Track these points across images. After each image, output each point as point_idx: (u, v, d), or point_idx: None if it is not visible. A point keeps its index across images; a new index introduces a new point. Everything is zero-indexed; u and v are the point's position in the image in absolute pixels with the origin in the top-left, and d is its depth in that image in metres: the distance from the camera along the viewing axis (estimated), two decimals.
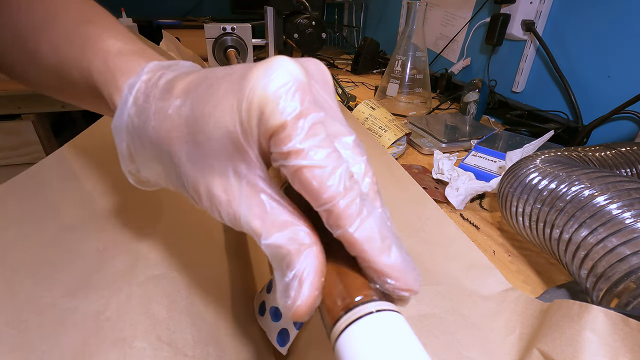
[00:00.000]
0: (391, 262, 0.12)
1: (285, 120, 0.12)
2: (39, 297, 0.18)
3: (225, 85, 0.13)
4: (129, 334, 0.17)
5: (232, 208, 0.13)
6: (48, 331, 0.17)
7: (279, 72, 0.12)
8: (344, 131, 0.14)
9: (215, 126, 0.13)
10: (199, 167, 0.14)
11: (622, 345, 0.18)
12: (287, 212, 0.13)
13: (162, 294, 0.20)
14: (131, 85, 0.16)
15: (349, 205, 0.12)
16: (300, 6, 0.94)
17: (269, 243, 0.13)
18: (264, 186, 0.13)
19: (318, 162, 0.12)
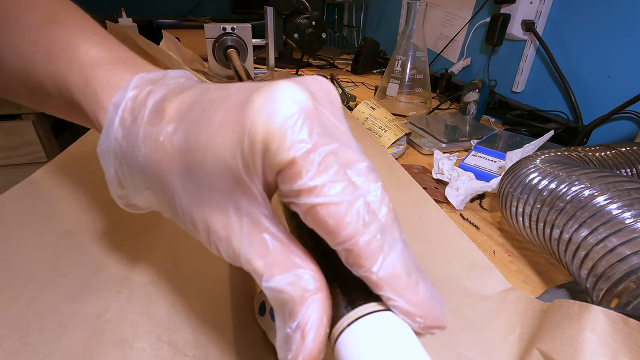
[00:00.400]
0: (419, 300, 0.11)
1: (294, 156, 0.10)
2: (39, 301, 0.18)
3: (221, 113, 0.12)
4: (130, 335, 0.17)
5: (232, 245, 0.12)
6: (49, 334, 0.17)
7: (283, 101, 0.11)
8: (357, 157, 0.13)
9: (213, 159, 0.12)
10: (196, 201, 0.13)
11: (622, 345, 0.18)
12: (291, 252, 0.12)
13: (162, 295, 0.20)
14: (116, 104, 0.14)
15: (369, 242, 0.11)
16: (300, 6, 0.94)
17: (270, 286, 0.12)
18: (268, 224, 0.12)
19: (333, 198, 0.11)
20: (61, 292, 0.19)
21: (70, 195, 0.27)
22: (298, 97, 0.11)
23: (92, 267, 0.21)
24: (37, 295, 0.19)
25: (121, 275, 0.20)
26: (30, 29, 0.16)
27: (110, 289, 0.19)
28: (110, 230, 0.24)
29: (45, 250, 0.22)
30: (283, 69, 1.01)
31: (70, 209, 0.26)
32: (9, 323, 0.17)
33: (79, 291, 0.19)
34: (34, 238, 0.23)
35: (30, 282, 0.19)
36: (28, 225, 0.24)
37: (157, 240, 0.23)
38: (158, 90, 0.14)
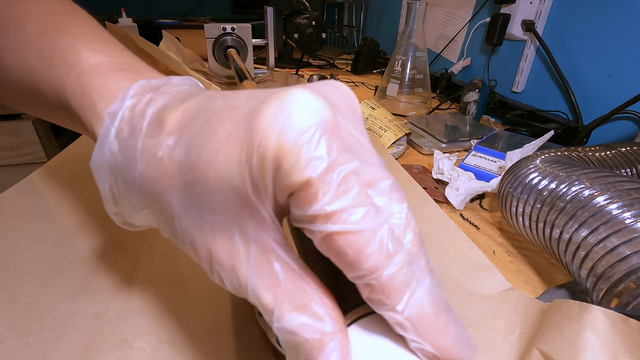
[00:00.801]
0: (449, 345, 0.10)
1: (309, 177, 0.09)
2: (39, 301, 0.18)
3: (227, 126, 0.10)
4: (130, 335, 0.17)
5: (238, 275, 0.11)
6: (49, 334, 0.17)
7: (297, 113, 0.09)
8: (380, 175, 0.12)
9: (217, 178, 0.10)
10: (197, 224, 0.11)
11: (622, 345, 0.18)
12: (306, 284, 0.10)
13: (162, 295, 0.20)
14: (113, 114, 0.13)
15: (394, 276, 0.09)
16: (300, 6, 0.94)
17: (282, 327, 0.10)
18: (279, 251, 0.11)
19: (353, 226, 0.09)
20: (61, 291, 0.19)
21: (70, 194, 0.27)
22: (315, 107, 0.10)
23: (91, 266, 0.21)
24: (37, 294, 0.19)
25: (121, 275, 0.20)
26: (34, 36, 0.16)
27: (110, 289, 0.19)
28: (110, 229, 0.24)
29: (45, 249, 0.22)
30: (283, 69, 1.01)
31: (69, 208, 0.25)
32: (8, 322, 0.17)
33: (79, 291, 0.19)
34: (32, 237, 0.23)
35: (30, 282, 0.19)
36: (27, 225, 0.24)
37: (157, 240, 0.23)
38: (159, 98, 0.13)
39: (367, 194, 0.10)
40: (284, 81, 0.85)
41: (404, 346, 0.11)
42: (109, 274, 0.20)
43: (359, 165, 0.10)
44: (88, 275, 0.20)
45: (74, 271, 0.20)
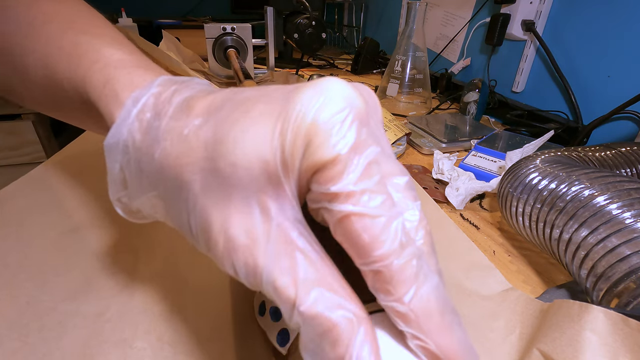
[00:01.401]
0: (453, 346, 0.10)
1: (337, 154, 0.09)
2: (39, 300, 0.18)
3: (260, 107, 0.11)
4: (130, 335, 0.17)
5: (253, 256, 0.10)
6: (49, 334, 0.17)
7: (334, 96, 0.10)
8: (397, 171, 0.12)
9: (245, 152, 0.10)
10: (215, 201, 0.11)
11: (622, 345, 0.18)
12: (328, 268, 0.10)
13: (163, 295, 0.20)
14: (136, 98, 0.13)
15: (404, 267, 0.10)
16: (300, 6, 0.94)
17: (306, 312, 0.09)
18: (302, 231, 0.10)
19: (372, 210, 0.09)
20: (61, 291, 0.19)
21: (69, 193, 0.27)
22: (350, 94, 0.10)
23: (92, 266, 0.21)
24: (37, 294, 0.19)
25: (121, 275, 0.20)
26: (55, 35, 0.16)
27: (110, 289, 0.19)
28: (110, 229, 0.24)
29: (45, 248, 0.22)
30: (283, 69, 1.01)
31: (69, 207, 0.25)
32: (8, 322, 0.17)
33: (79, 290, 0.19)
34: (33, 236, 0.23)
35: (30, 281, 0.19)
36: (27, 223, 0.24)
37: (158, 239, 0.23)
38: (184, 90, 0.13)
39: (386, 184, 0.10)
40: (284, 81, 0.86)
41: (405, 346, 0.11)
42: (109, 274, 0.20)
43: (380, 155, 0.10)
44: (88, 274, 0.20)
45: (75, 270, 0.20)
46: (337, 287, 0.10)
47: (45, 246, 0.22)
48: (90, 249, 0.22)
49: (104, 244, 0.22)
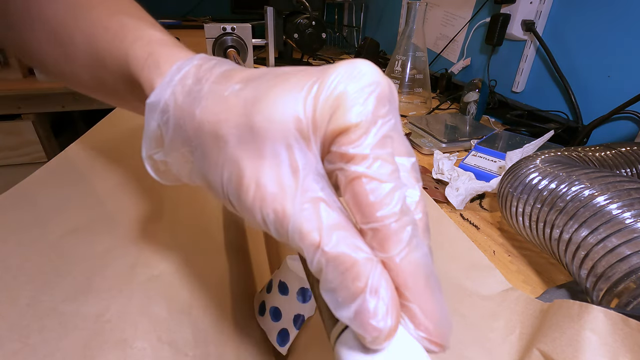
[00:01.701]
0: (431, 309, 0.11)
1: (360, 121, 0.11)
2: (39, 302, 0.18)
3: (299, 76, 0.12)
4: (130, 335, 0.17)
5: (282, 205, 0.11)
6: (49, 335, 0.17)
7: (365, 74, 0.12)
8: (405, 151, 0.14)
9: (281, 109, 0.12)
10: (249, 153, 0.12)
11: (622, 345, 0.18)
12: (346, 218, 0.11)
13: (163, 295, 0.20)
14: (180, 67, 0.15)
15: (399, 230, 0.11)
16: (300, 6, 0.94)
17: (331, 251, 0.10)
18: (324, 184, 0.12)
19: (381, 176, 0.11)
20: (61, 292, 0.19)
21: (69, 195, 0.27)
22: (378, 75, 0.12)
23: (91, 267, 0.21)
24: (37, 295, 0.19)
25: (121, 275, 0.20)
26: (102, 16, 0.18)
27: (110, 288, 0.19)
28: (110, 231, 0.24)
29: (45, 250, 0.22)
30: None
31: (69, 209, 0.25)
32: (9, 324, 0.17)
33: (79, 291, 0.19)
34: (33, 238, 0.23)
35: (30, 283, 0.19)
36: (29, 226, 0.24)
37: (158, 239, 0.23)
38: (223, 64, 0.15)
39: (395, 159, 0.12)
40: None
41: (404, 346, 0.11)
42: (108, 275, 0.20)
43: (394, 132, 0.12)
44: (88, 275, 0.20)
45: (75, 272, 0.20)
46: (355, 233, 0.11)
47: (46, 248, 0.22)
48: (90, 250, 0.22)
49: (105, 246, 0.22)
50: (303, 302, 0.22)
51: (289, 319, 0.23)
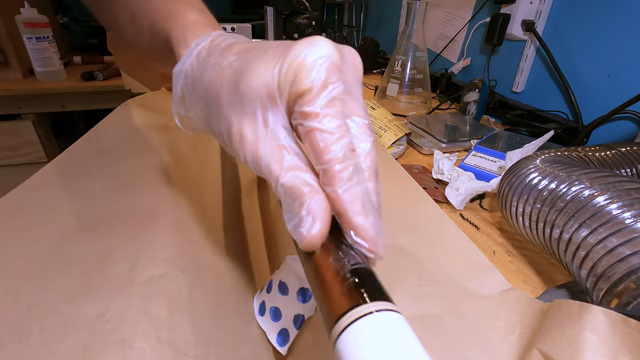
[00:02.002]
0: (364, 224, 0.14)
1: (312, 86, 0.14)
2: (39, 303, 0.18)
3: (273, 50, 0.16)
4: (130, 335, 0.17)
5: (256, 149, 0.15)
6: (49, 336, 0.17)
7: (319, 48, 0.14)
8: (360, 112, 0.17)
9: (257, 77, 0.15)
10: (235, 110, 0.16)
11: (622, 345, 0.18)
12: (301, 160, 0.15)
13: (163, 294, 0.20)
14: (199, 42, 0.19)
15: (342, 170, 0.14)
16: (300, 6, 0.94)
17: (285, 183, 0.14)
18: (285, 135, 0.15)
19: (329, 128, 0.14)
20: (61, 293, 0.19)
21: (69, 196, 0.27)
22: (331, 49, 0.15)
23: (91, 267, 0.21)
24: (38, 297, 0.19)
25: (121, 276, 0.20)
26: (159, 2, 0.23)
27: (110, 289, 0.19)
28: (109, 230, 0.24)
29: (45, 251, 0.22)
30: None
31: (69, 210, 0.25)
32: (9, 326, 0.17)
33: (79, 292, 0.19)
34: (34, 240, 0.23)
35: (31, 284, 0.19)
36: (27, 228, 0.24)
37: (157, 240, 0.23)
38: (230, 39, 0.19)
39: (345, 116, 0.15)
40: None
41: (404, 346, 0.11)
42: (108, 275, 0.20)
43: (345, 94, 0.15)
44: (88, 276, 0.20)
45: (75, 272, 0.20)
46: (306, 172, 0.15)
47: (46, 249, 0.22)
48: (90, 250, 0.22)
49: (104, 246, 0.22)
50: (303, 302, 0.22)
51: (289, 319, 0.23)
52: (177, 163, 0.32)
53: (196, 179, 0.33)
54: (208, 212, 0.30)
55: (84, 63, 1.14)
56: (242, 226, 0.33)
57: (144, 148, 0.33)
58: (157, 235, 0.23)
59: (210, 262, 0.25)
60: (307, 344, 0.22)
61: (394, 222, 0.31)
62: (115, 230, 0.24)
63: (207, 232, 0.27)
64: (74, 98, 1.00)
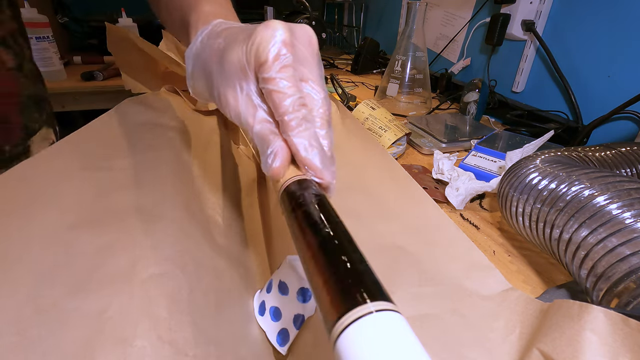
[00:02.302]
0: (308, 157, 0.19)
1: (267, 58, 0.19)
2: (39, 295, 0.18)
3: (245, 33, 0.21)
4: (130, 333, 0.17)
5: (237, 109, 0.20)
6: (49, 331, 0.17)
7: (272, 30, 0.19)
8: (312, 77, 0.21)
9: (233, 55, 0.20)
10: (221, 81, 0.21)
11: (622, 345, 0.18)
12: (267, 115, 0.20)
13: (163, 293, 0.20)
14: (203, 30, 0.25)
15: (292, 119, 0.19)
16: (300, 6, 0.94)
17: (257, 131, 0.20)
18: (255, 97, 0.20)
19: (281, 89, 0.19)
20: (61, 287, 0.19)
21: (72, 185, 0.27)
22: (281, 30, 0.19)
23: (92, 262, 0.21)
24: (36, 288, 0.19)
25: (122, 273, 0.20)
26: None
27: (111, 285, 0.19)
28: (110, 225, 0.23)
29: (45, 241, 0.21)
30: None
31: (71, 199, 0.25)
32: (8, 316, 0.17)
33: (80, 287, 0.19)
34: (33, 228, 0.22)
35: (29, 275, 0.19)
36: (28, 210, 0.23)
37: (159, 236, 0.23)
38: (225, 25, 0.24)
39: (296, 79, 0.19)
40: None
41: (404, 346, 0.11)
42: (110, 271, 0.20)
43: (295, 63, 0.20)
44: (88, 271, 0.20)
45: (75, 266, 0.20)
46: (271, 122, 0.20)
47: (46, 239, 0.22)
48: (90, 245, 0.22)
49: (104, 241, 0.22)
50: (303, 302, 0.22)
51: (289, 319, 0.23)
52: (177, 162, 0.32)
53: (197, 178, 0.33)
54: (209, 211, 0.30)
55: (84, 63, 1.14)
56: (242, 226, 0.33)
57: (146, 146, 0.33)
58: (159, 233, 0.23)
59: (210, 261, 0.25)
60: (307, 344, 0.22)
61: (394, 222, 0.31)
62: (116, 225, 0.23)
63: (208, 231, 0.27)
64: (74, 98, 1.00)
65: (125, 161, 0.30)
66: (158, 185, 0.28)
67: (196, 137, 0.39)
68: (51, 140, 0.47)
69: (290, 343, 0.23)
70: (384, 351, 0.11)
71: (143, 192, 0.27)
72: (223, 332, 0.21)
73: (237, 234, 0.31)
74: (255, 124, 0.20)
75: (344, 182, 0.37)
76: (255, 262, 0.31)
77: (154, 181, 0.28)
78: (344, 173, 0.38)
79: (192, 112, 0.44)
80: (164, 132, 0.36)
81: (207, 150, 0.38)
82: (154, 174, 0.29)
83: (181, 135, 0.37)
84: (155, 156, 0.32)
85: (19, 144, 0.42)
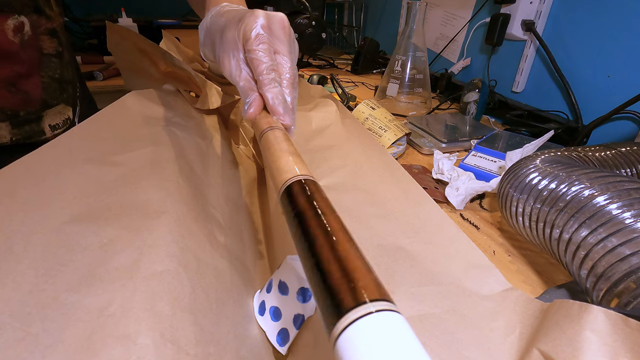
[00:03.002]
0: (275, 104, 0.26)
1: (250, 36, 0.26)
2: (41, 289, 0.18)
3: (238, 17, 0.28)
4: (133, 330, 0.17)
5: (230, 70, 0.28)
6: (51, 325, 0.17)
7: (255, 17, 0.27)
8: (282, 50, 0.28)
9: (230, 32, 0.28)
10: (221, 50, 0.29)
11: (622, 345, 0.18)
12: (249, 75, 0.27)
13: (166, 291, 0.20)
14: (212, 10, 0.33)
15: (264, 79, 0.26)
16: (300, 6, 0.94)
17: (241, 85, 0.27)
18: (242, 63, 0.27)
19: (259, 57, 0.26)
20: (63, 281, 0.19)
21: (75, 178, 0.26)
22: (262, 17, 0.27)
23: (94, 257, 0.20)
24: (39, 283, 0.19)
25: (125, 269, 0.20)
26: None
27: (114, 281, 0.19)
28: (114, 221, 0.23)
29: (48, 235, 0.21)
30: None
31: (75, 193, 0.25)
32: (11, 309, 0.17)
33: (82, 282, 0.19)
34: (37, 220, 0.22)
35: (33, 269, 0.19)
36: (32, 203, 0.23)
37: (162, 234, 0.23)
38: (229, 7, 0.33)
39: (271, 52, 0.27)
40: None
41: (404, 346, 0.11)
42: (112, 266, 0.20)
43: (271, 40, 0.27)
44: (92, 267, 0.20)
45: (78, 261, 0.20)
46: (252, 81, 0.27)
47: (49, 233, 0.21)
48: (93, 239, 0.22)
49: (108, 236, 0.22)
50: (303, 302, 0.22)
51: (289, 319, 0.23)
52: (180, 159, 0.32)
53: (198, 177, 0.33)
54: (211, 210, 0.30)
55: (84, 63, 1.14)
56: (242, 226, 0.33)
57: (149, 141, 0.33)
58: (161, 230, 0.23)
59: (211, 260, 0.24)
60: (307, 344, 0.22)
61: (394, 222, 0.31)
62: (119, 220, 0.23)
63: (210, 231, 0.27)
64: None
65: (128, 156, 0.30)
66: (162, 181, 0.28)
67: (198, 135, 0.39)
68: (67, 116, 0.50)
69: (290, 343, 0.23)
70: (384, 351, 0.11)
71: (147, 186, 0.27)
72: (223, 332, 0.21)
73: (237, 234, 0.31)
74: (240, 81, 0.27)
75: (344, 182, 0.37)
76: (255, 262, 0.31)
77: (158, 176, 0.28)
78: (344, 173, 0.38)
79: (194, 111, 0.44)
80: (168, 128, 0.36)
81: (208, 149, 0.38)
82: (157, 169, 0.29)
83: (184, 132, 0.37)
84: (159, 152, 0.31)
85: (32, 112, 0.45)
